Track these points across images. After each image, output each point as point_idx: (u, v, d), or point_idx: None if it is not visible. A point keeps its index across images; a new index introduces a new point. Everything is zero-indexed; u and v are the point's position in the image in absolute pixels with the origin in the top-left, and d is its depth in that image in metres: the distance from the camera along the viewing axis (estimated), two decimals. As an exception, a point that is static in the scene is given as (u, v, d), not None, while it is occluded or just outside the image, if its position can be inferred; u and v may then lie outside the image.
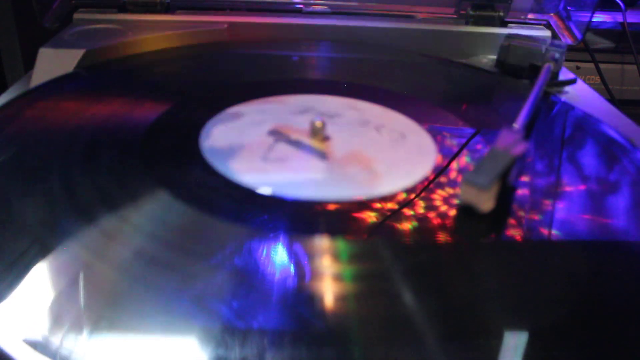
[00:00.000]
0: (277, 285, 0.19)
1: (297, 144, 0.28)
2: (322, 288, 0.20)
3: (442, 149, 0.29)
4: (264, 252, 0.21)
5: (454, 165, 0.28)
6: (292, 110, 0.32)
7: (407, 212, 0.24)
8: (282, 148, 0.28)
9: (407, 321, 0.18)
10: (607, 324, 0.19)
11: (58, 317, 0.18)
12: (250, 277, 0.20)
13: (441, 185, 0.26)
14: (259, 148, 0.28)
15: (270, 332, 0.18)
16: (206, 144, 0.28)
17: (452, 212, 0.24)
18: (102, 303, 0.18)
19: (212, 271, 0.20)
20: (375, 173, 0.26)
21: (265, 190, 0.24)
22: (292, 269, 0.20)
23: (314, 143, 0.29)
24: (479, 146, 0.30)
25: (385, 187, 0.25)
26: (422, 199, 0.25)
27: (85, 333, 0.17)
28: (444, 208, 0.24)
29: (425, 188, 0.26)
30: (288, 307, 0.19)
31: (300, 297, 0.19)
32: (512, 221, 0.24)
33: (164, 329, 0.18)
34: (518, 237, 0.24)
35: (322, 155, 0.28)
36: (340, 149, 0.28)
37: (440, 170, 0.27)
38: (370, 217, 0.24)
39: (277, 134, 0.29)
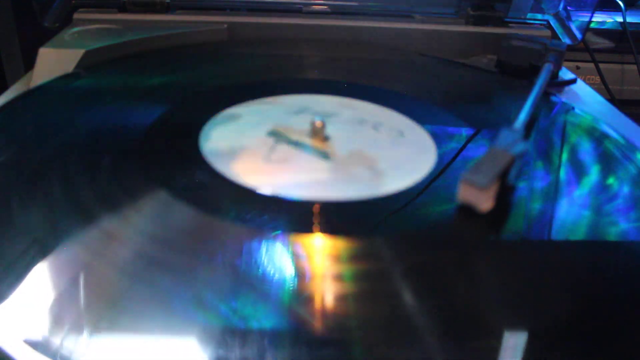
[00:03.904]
0: (277, 286, 0.19)
1: (297, 145, 0.28)
2: (323, 288, 0.20)
3: (441, 148, 0.29)
4: (265, 252, 0.21)
5: (454, 165, 0.28)
6: (289, 110, 0.32)
7: (407, 211, 0.24)
8: (284, 149, 0.28)
9: (407, 321, 0.18)
10: (607, 324, 0.19)
11: (59, 318, 0.18)
12: (251, 278, 0.20)
13: (441, 185, 0.26)
14: (260, 149, 0.28)
15: (271, 332, 0.18)
16: (206, 145, 0.28)
17: (451, 212, 0.24)
18: (102, 303, 0.18)
19: (212, 272, 0.20)
20: (379, 172, 0.26)
21: (268, 190, 0.24)
22: (293, 270, 0.20)
23: (315, 143, 0.29)
24: (478, 146, 0.30)
25: (390, 185, 0.25)
26: (422, 198, 0.25)
27: (85, 333, 0.17)
28: (443, 208, 0.24)
29: (426, 188, 0.26)
30: (288, 308, 0.19)
31: (301, 297, 0.19)
32: (511, 221, 0.24)
33: (164, 329, 0.18)
34: (517, 237, 0.24)
35: (325, 155, 0.28)
36: (341, 148, 0.28)
37: (441, 171, 0.27)
38: (371, 216, 0.24)
39: (277, 135, 0.29)
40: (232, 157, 0.27)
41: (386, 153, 0.28)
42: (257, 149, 0.28)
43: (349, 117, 0.32)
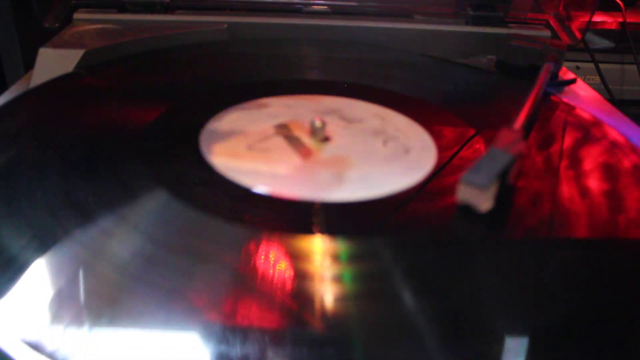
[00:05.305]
0: (276, 285, 0.19)
1: (292, 140, 0.29)
2: (322, 289, 0.20)
3: (441, 150, 0.29)
4: (262, 251, 0.21)
5: (453, 165, 0.28)
6: (317, 109, 0.32)
7: (405, 211, 0.24)
8: (275, 141, 0.28)
9: (407, 321, 0.18)
10: (607, 324, 0.19)
11: (57, 317, 0.18)
12: (250, 277, 0.20)
13: (439, 186, 0.26)
14: (252, 138, 0.28)
15: (271, 333, 0.18)
16: (206, 145, 0.28)
17: (450, 212, 0.24)
18: (101, 302, 0.18)
19: (211, 271, 0.20)
20: (340, 180, 0.26)
21: (265, 190, 0.24)
22: (291, 270, 0.20)
23: (310, 142, 0.29)
24: (478, 147, 0.30)
25: (338, 194, 0.25)
26: (420, 199, 0.25)
27: (85, 332, 0.17)
28: (441, 208, 0.24)
29: (421, 189, 0.26)
30: (287, 308, 0.19)
31: (300, 296, 0.19)
32: (510, 221, 0.24)
33: (164, 328, 0.18)
34: (516, 237, 0.24)
35: (306, 154, 0.28)
36: (329, 151, 0.28)
37: (437, 170, 0.27)
38: (369, 217, 0.24)
39: (281, 129, 0.29)
40: (232, 157, 0.27)
41: (374, 166, 0.27)
42: (249, 137, 0.28)
43: (370, 126, 0.31)
